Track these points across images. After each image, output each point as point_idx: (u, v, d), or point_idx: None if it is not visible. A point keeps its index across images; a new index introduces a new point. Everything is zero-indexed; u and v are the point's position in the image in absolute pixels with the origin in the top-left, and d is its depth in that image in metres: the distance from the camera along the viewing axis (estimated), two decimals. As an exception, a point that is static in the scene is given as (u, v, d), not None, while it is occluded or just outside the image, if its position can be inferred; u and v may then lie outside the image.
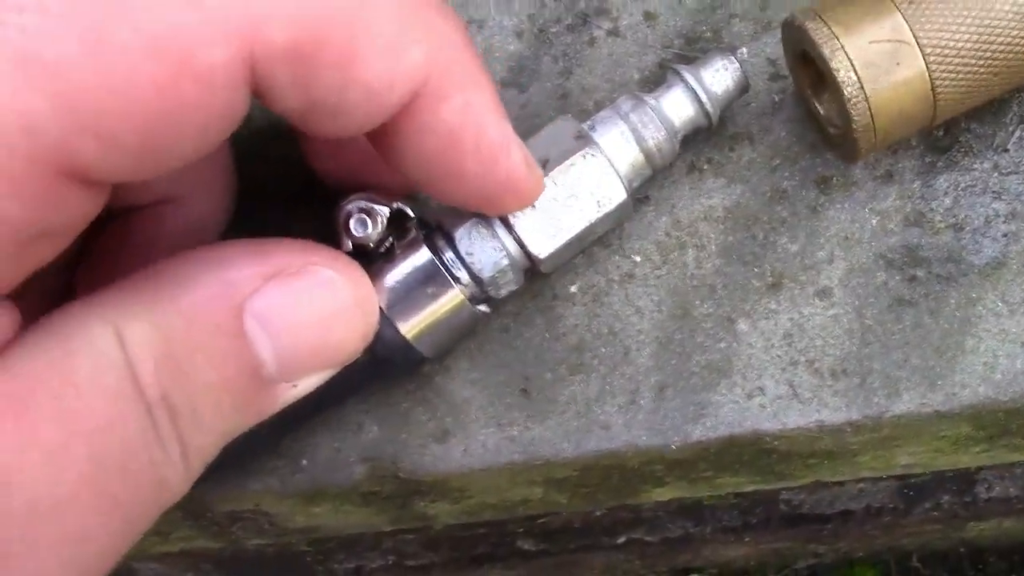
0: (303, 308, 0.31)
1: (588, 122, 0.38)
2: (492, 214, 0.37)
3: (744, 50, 0.43)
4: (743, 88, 0.39)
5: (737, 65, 0.39)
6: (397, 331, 0.36)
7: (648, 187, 0.42)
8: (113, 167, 0.26)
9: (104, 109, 0.25)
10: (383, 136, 0.31)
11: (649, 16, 0.44)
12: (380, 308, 0.36)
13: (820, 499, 0.68)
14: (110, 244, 0.37)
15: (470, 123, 0.31)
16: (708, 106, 0.38)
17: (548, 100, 0.44)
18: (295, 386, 0.33)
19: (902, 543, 0.80)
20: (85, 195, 0.27)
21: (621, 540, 0.71)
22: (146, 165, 0.27)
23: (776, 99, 0.42)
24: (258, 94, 0.27)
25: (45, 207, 0.26)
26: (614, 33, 0.44)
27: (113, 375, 0.28)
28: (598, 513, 0.65)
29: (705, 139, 0.42)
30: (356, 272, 0.33)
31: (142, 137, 0.25)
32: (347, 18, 0.27)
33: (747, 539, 0.72)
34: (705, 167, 0.42)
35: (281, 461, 0.41)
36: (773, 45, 0.43)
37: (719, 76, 0.39)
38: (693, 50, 0.44)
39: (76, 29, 0.24)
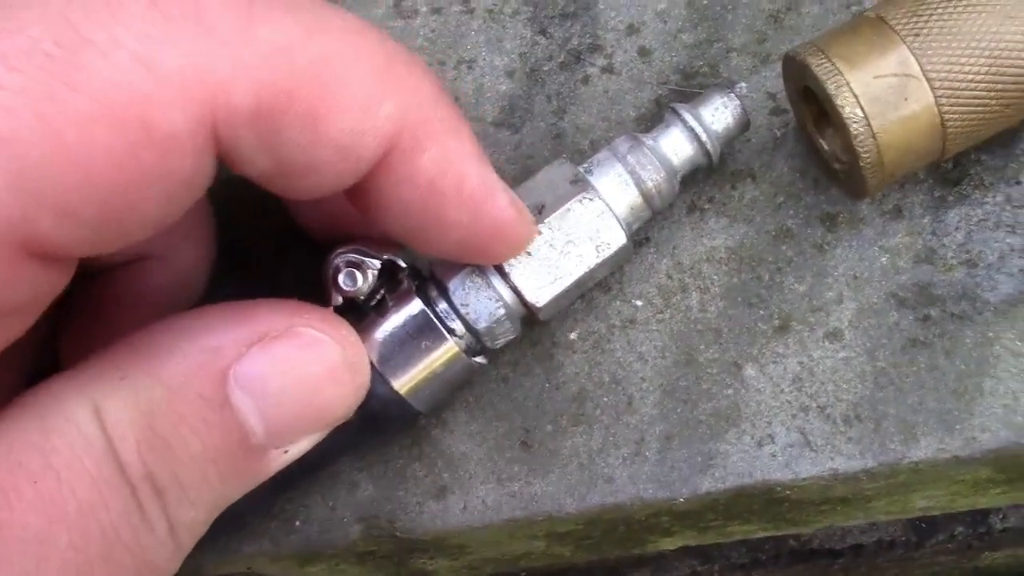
0: (289, 372, 0.30)
1: (585, 165, 0.37)
2: (485, 263, 0.35)
3: (743, 85, 0.42)
4: (744, 125, 0.38)
5: (737, 102, 0.37)
6: (390, 387, 0.35)
7: (648, 228, 0.40)
8: (74, 241, 0.25)
9: (61, 183, 0.24)
10: (361, 192, 0.30)
11: (644, 52, 0.43)
12: (372, 363, 0.34)
13: (831, 534, 0.66)
14: (92, 305, 0.36)
15: (450, 171, 0.30)
16: (708, 145, 0.37)
17: (542, 140, 0.42)
18: (286, 451, 0.32)
19: (915, 574, 0.78)
20: (47, 270, 0.26)
21: (627, 581, 0.69)
22: (109, 237, 0.26)
23: (777, 134, 0.41)
24: (223, 158, 0.26)
25: (5, 285, 0.25)
26: (608, 70, 0.43)
27: (93, 456, 0.27)
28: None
29: (705, 177, 0.41)
30: (344, 331, 0.32)
31: (102, 209, 0.24)
32: (314, 74, 0.26)
33: (756, 576, 0.70)
34: (707, 206, 0.40)
35: (274, 522, 0.40)
36: (773, 79, 0.42)
37: (719, 114, 0.37)
38: (690, 85, 0.42)
39: (31, 101, 0.23)
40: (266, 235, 0.41)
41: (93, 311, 0.36)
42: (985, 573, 0.87)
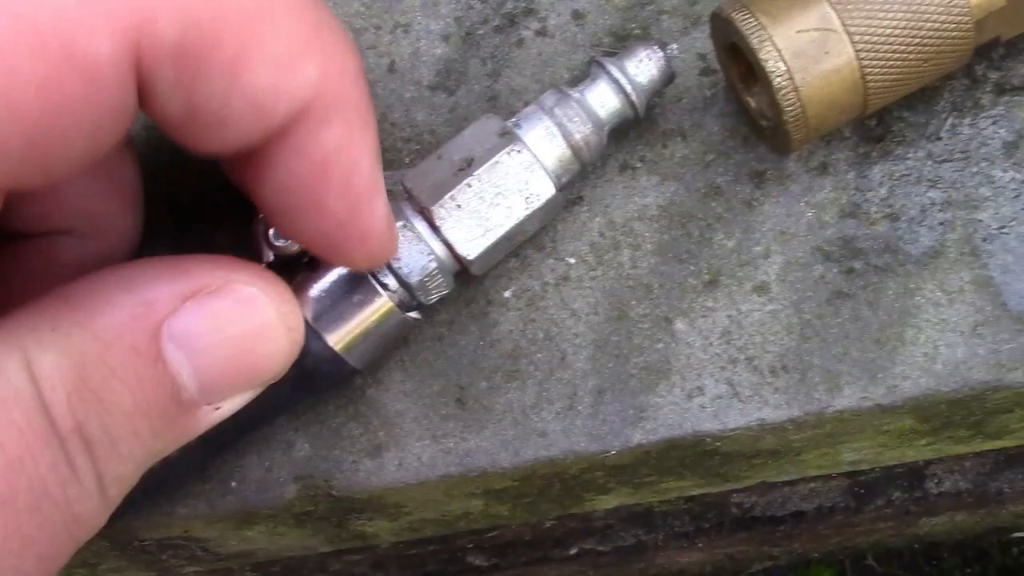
0: (223, 328, 0.30)
1: (513, 119, 0.37)
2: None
3: (674, 46, 0.42)
4: (669, 77, 0.38)
5: (661, 54, 0.38)
6: (325, 343, 0.35)
7: (581, 187, 0.41)
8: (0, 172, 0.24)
9: None
10: (250, 153, 0.29)
11: (577, 15, 0.43)
12: (306, 320, 0.34)
13: (771, 501, 0.67)
14: (8, 274, 0.35)
15: (346, 156, 0.29)
16: (634, 97, 0.38)
17: (477, 103, 0.43)
18: (218, 408, 0.32)
19: (856, 542, 0.80)
20: None
21: (573, 551, 0.70)
22: (33, 170, 0.25)
23: (708, 94, 0.42)
24: (142, 88, 0.26)
25: None
26: (542, 33, 0.43)
27: (23, 408, 0.27)
28: (548, 524, 0.63)
29: (637, 136, 0.41)
30: (279, 287, 0.32)
31: (25, 138, 0.24)
32: (242, 21, 0.25)
33: (700, 544, 0.71)
34: (638, 165, 0.41)
35: (209, 484, 0.40)
36: (703, 40, 0.42)
37: (643, 66, 0.38)
38: (623, 47, 0.43)
39: None
40: (200, 197, 0.41)
41: (9, 281, 0.35)
42: (924, 541, 0.89)
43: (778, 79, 0.36)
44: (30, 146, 0.24)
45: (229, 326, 0.30)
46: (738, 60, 0.39)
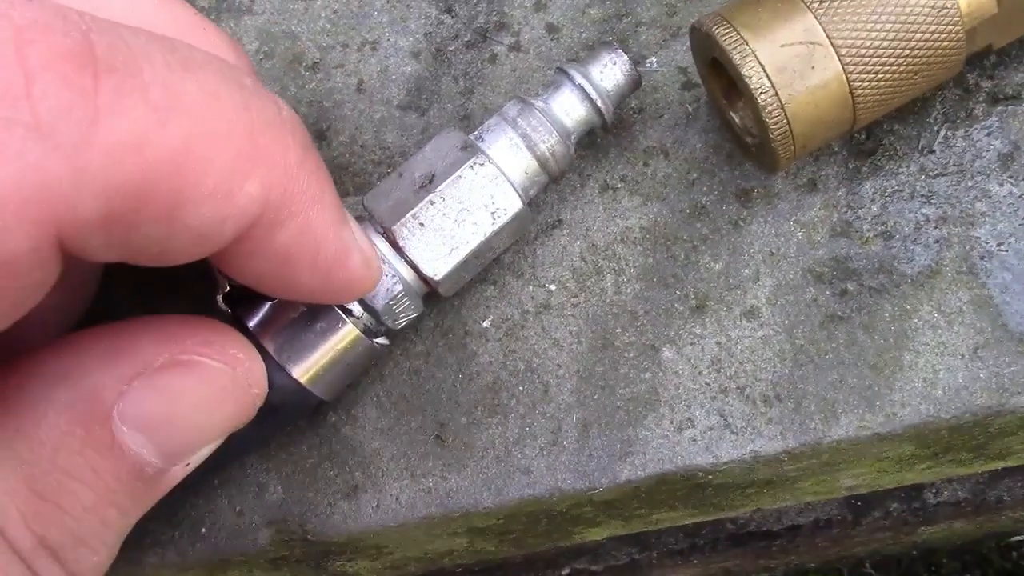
0: (177, 401, 0.29)
1: (475, 132, 0.36)
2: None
3: (653, 59, 0.41)
4: (635, 82, 0.37)
5: (625, 58, 0.36)
6: (289, 376, 0.33)
7: (559, 209, 0.39)
8: None
9: None
10: (214, 255, 0.28)
11: (552, 29, 0.42)
12: (269, 353, 0.33)
13: (767, 516, 0.65)
14: None
15: (306, 244, 0.28)
16: (600, 103, 0.36)
17: (450, 122, 0.41)
18: (187, 464, 0.30)
19: (854, 551, 0.78)
20: None
21: (565, 572, 0.68)
22: None
23: (690, 109, 0.40)
24: (69, 255, 0.24)
25: None
26: (516, 48, 0.42)
27: None
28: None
29: (617, 155, 0.39)
30: (231, 348, 0.31)
31: None
32: (173, 168, 0.24)
33: (695, 561, 0.69)
34: (619, 185, 0.39)
35: (178, 531, 0.38)
36: (683, 53, 0.41)
37: (608, 71, 0.36)
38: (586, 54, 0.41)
39: None
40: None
41: None
42: (923, 548, 0.87)
43: (763, 96, 0.34)
44: None
45: (183, 398, 0.29)
46: (720, 75, 0.37)
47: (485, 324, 0.38)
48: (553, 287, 0.38)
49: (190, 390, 0.29)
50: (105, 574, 0.38)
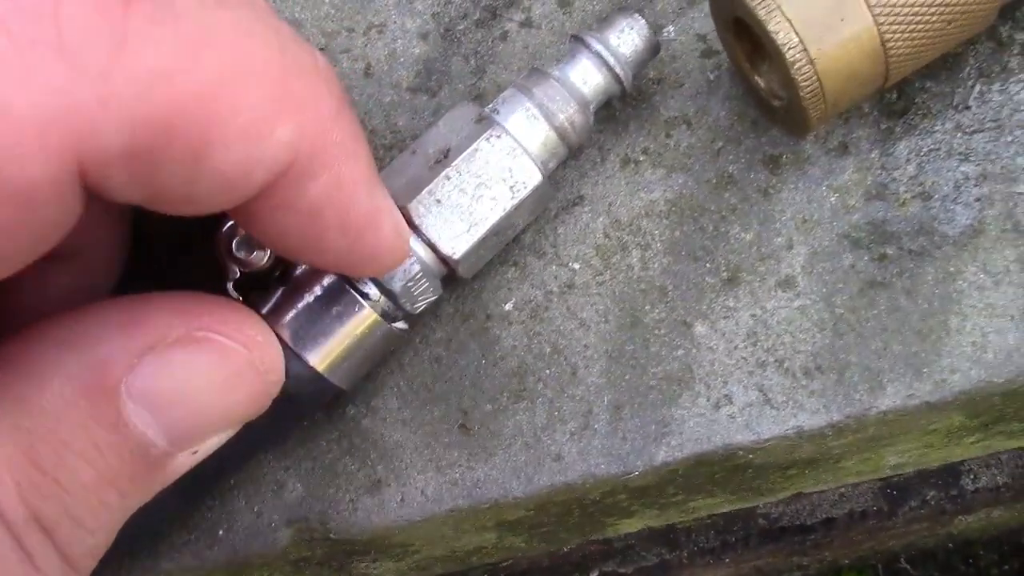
0: (190, 380, 0.28)
1: (490, 105, 0.34)
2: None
3: (671, 28, 0.39)
4: (654, 47, 0.35)
5: (643, 22, 0.35)
6: (306, 364, 0.32)
7: (580, 184, 0.37)
8: None
9: None
10: (240, 208, 0.27)
11: (564, 2, 0.40)
12: (284, 340, 0.31)
13: (800, 509, 0.63)
14: None
15: (337, 201, 0.27)
16: (618, 70, 0.34)
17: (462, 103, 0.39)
18: (195, 452, 0.29)
19: (888, 545, 0.76)
20: None
21: (594, 575, 0.66)
22: None
23: (711, 77, 0.38)
24: (90, 190, 0.23)
25: None
26: (527, 24, 0.40)
27: None
28: (566, 549, 0.60)
29: (638, 127, 0.38)
30: (248, 328, 0.29)
31: None
32: (201, 104, 0.23)
33: (727, 560, 0.67)
34: (641, 158, 0.38)
35: (194, 534, 0.36)
36: (701, 19, 0.39)
37: (625, 36, 0.35)
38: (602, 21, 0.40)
39: None
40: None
41: None
42: (959, 540, 0.85)
43: (791, 52, 0.32)
44: None
45: (195, 378, 0.28)
46: (743, 37, 0.35)
47: (507, 307, 0.37)
48: (577, 266, 0.37)
49: (203, 369, 0.27)
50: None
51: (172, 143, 0.22)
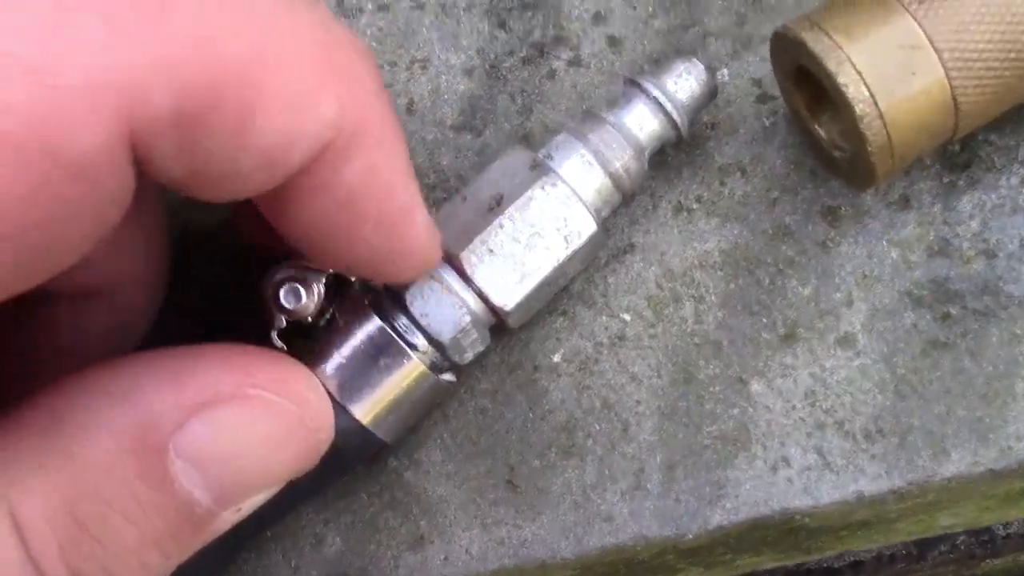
0: (240, 440, 0.27)
1: (543, 150, 0.33)
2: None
3: (724, 71, 0.38)
4: (711, 92, 0.34)
5: (702, 67, 0.34)
6: (351, 416, 0.31)
7: (631, 232, 0.36)
8: None
9: None
10: (272, 193, 0.26)
11: (613, 41, 0.39)
12: (330, 393, 0.30)
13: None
14: (24, 349, 0.31)
15: (375, 187, 0.26)
16: (675, 115, 0.34)
17: (508, 142, 0.38)
18: (239, 510, 0.28)
19: (912, 586, 0.75)
20: None
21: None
22: (32, 273, 0.22)
23: (767, 123, 0.37)
24: (138, 163, 0.22)
25: None
26: (576, 63, 0.39)
27: (7, 565, 0.24)
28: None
29: (691, 175, 0.37)
30: (300, 386, 0.28)
31: (18, 249, 0.21)
32: (245, 72, 0.22)
33: (751, 601, 0.66)
34: (695, 206, 0.37)
35: (229, 589, 0.35)
36: (757, 63, 0.38)
37: (683, 81, 0.34)
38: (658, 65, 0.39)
39: None
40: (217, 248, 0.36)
41: (26, 355, 0.31)
42: (982, 579, 0.84)
43: (860, 105, 0.31)
44: (21, 255, 0.21)
45: (246, 437, 0.27)
46: (804, 85, 0.34)
47: (556, 358, 0.36)
48: (628, 317, 0.36)
49: (254, 428, 0.27)
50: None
51: (218, 109, 0.22)
